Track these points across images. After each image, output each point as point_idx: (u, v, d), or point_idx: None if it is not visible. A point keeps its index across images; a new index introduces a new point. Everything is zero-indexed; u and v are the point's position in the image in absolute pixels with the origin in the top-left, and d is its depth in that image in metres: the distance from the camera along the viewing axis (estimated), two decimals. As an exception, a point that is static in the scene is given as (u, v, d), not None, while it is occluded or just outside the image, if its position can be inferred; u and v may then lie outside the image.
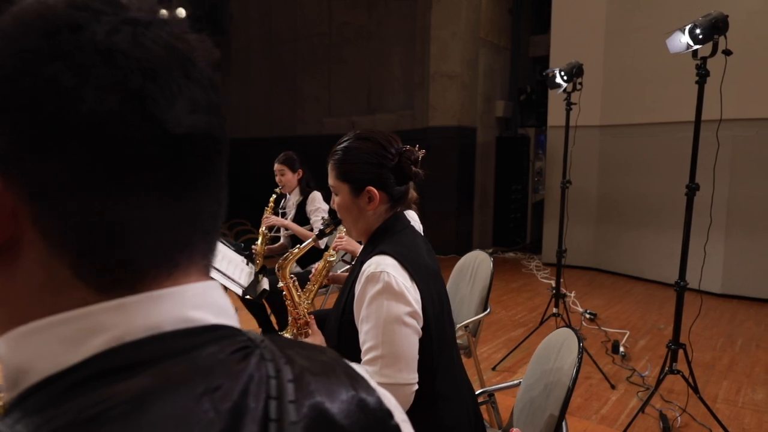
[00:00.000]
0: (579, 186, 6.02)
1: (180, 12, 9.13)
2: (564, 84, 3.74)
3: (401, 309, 1.20)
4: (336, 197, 1.37)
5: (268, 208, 3.29)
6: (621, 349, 3.71)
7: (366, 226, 1.36)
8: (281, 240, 3.56)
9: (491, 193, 8.41)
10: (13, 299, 0.39)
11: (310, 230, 3.22)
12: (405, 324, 1.20)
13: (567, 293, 5.14)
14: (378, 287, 1.20)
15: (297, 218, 3.41)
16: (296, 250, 1.45)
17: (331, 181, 1.35)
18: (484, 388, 1.78)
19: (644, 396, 2.95)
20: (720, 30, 2.42)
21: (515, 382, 1.71)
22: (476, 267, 2.66)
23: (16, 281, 0.38)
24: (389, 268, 1.22)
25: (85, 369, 0.36)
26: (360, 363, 1.25)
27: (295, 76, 9.96)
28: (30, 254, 0.38)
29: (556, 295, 3.74)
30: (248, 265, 2.54)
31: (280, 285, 1.44)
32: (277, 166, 3.36)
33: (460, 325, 2.43)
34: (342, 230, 1.93)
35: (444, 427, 1.35)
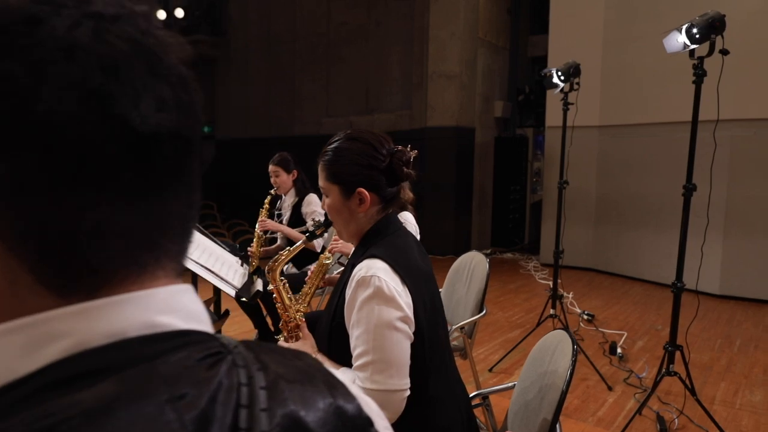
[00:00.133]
0: (578, 186, 6.02)
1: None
2: (561, 84, 3.73)
3: (392, 314, 1.18)
4: (326, 199, 1.35)
5: (264, 210, 3.27)
6: (618, 351, 3.69)
7: (357, 229, 1.34)
8: (278, 241, 3.55)
9: (489, 194, 8.40)
10: None
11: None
12: (396, 329, 1.19)
13: (565, 294, 5.14)
14: (369, 292, 1.18)
15: (292, 219, 3.39)
16: (286, 252, 1.43)
17: (321, 183, 1.33)
18: (479, 391, 1.77)
19: (641, 398, 2.94)
20: (717, 29, 2.41)
21: (510, 385, 1.70)
22: (472, 268, 2.65)
23: None
24: (380, 272, 1.20)
25: (41, 378, 0.34)
26: (351, 368, 1.23)
27: (294, 77, 9.95)
28: None
29: (554, 296, 3.72)
30: (242, 266, 2.53)
31: (270, 287, 1.42)
32: (272, 168, 3.34)
33: (456, 327, 2.42)
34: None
35: (437, 430, 1.33)
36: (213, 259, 2.22)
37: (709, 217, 2.87)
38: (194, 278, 2.71)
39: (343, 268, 1.41)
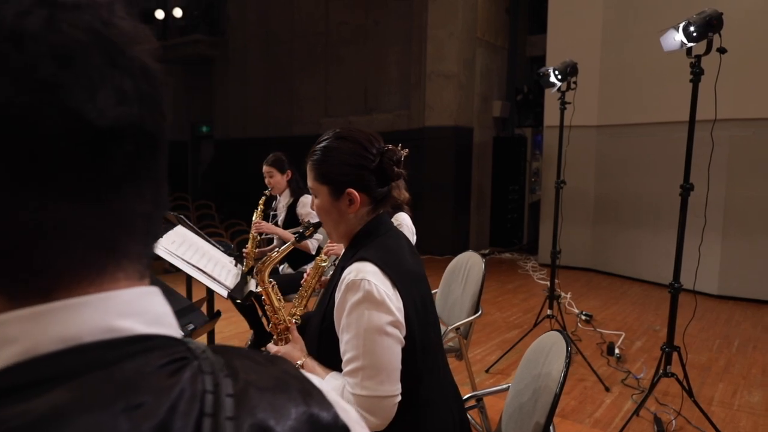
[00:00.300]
0: (576, 186, 6.00)
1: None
2: (558, 83, 3.72)
3: (383, 318, 1.16)
4: (315, 199, 1.32)
5: (258, 212, 3.25)
6: (616, 351, 3.67)
7: (347, 230, 1.31)
8: (274, 242, 3.53)
9: (488, 194, 8.39)
10: None
11: None
12: (386, 334, 1.16)
13: (563, 294, 5.12)
14: (358, 296, 1.16)
15: (287, 220, 3.37)
16: (275, 254, 1.41)
17: (310, 183, 1.30)
18: (472, 393, 1.75)
19: (639, 399, 2.92)
20: (714, 28, 2.39)
21: (504, 387, 1.68)
22: (468, 268, 2.63)
23: None
24: (370, 276, 1.17)
25: None
26: (341, 371, 1.21)
27: (293, 76, 9.94)
28: None
29: (551, 297, 3.70)
30: (236, 266, 2.51)
31: (259, 289, 1.40)
32: (266, 168, 3.32)
33: (452, 327, 2.40)
34: None
35: (429, 433, 1.31)
36: (205, 260, 2.20)
37: (708, 217, 2.85)
38: (188, 278, 2.68)
39: (333, 271, 1.38)
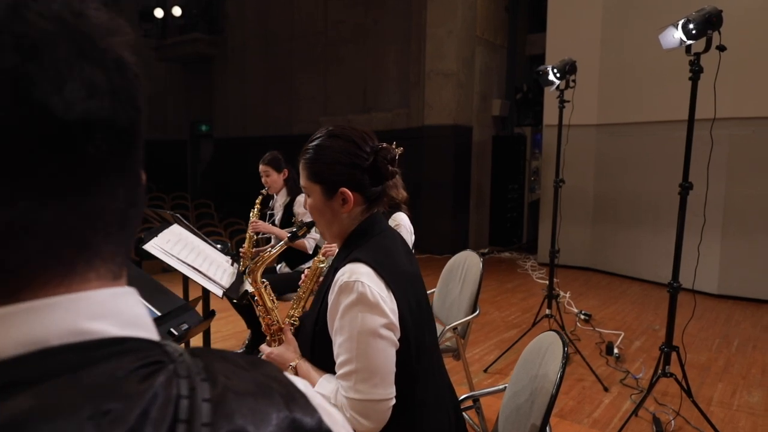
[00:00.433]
0: (576, 185, 5.98)
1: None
2: (557, 81, 3.70)
3: (376, 321, 1.14)
4: (308, 199, 1.30)
5: (255, 211, 3.24)
6: (615, 351, 3.66)
7: (340, 230, 1.29)
8: (272, 241, 3.51)
9: (487, 193, 8.37)
10: None
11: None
12: (380, 336, 1.14)
13: (561, 294, 5.11)
14: (352, 298, 1.14)
15: (284, 219, 3.36)
16: (267, 254, 1.39)
17: (303, 182, 1.28)
18: (469, 394, 1.73)
19: (638, 399, 2.90)
20: (714, 25, 2.37)
21: (501, 387, 1.66)
22: (466, 268, 2.61)
23: None
24: (363, 277, 1.15)
25: None
26: (335, 374, 1.20)
27: (292, 75, 9.92)
28: None
29: (549, 296, 3.69)
30: (233, 266, 2.49)
31: (251, 290, 1.38)
32: (262, 167, 3.30)
33: (449, 327, 2.38)
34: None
35: (424, 436, 1.29)
36: (201, 259, 2.18)
37: (707, 216, 2.83)
38: (185, 278, 2.67)
39: (327, 272, 1.36)
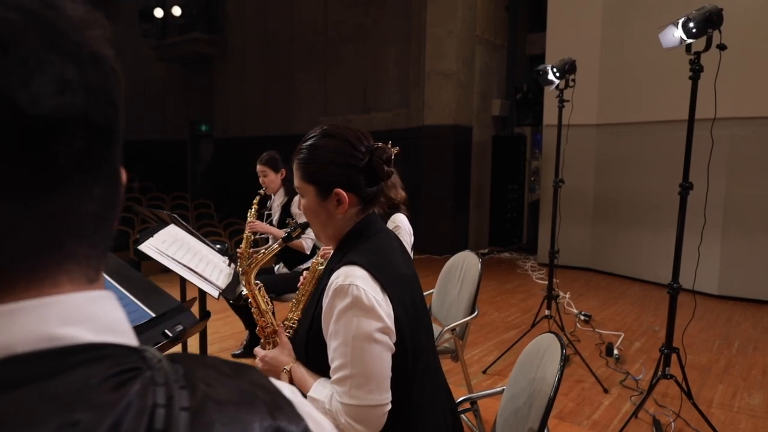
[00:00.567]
0: (576, 185, 5.96)
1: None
2: (556, 80, 3.68)
3: (372, 325, 1.12)
4: (302, 200, 1.27)
5: (253, 211, 3.22)
6: (615, 352, 3.64)
7: (335, 231, 1.27)
8: (269, 242, 3.49)
9: (487, 193, 8.35)
10: None
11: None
12: (376, 341, 1.12)
13: (561, 294, 5.08)
14: (347, 301, 1.12)
15: (282, 219, 3.34)
16: (261, 255, 1.37)
17: (297, 183, 1.25)
18: (466, 396, 1.71)
19: (638, 400, 2.88)
20: (714, 24, 2.35)
21: (498, 390, 1.65)
22: (464, 268, 2.59)
23: None
24: (358, 281, 1.13)
25: None
26: (329, 378, 1.18)
27: (292, 75, 9.91)
28: None
29: (549, 297, 3.67)
30: (230, 266, 2.47)
31: (245, 292, 1.36)
32: (260, 167, 3.28)
33: (447, 328, 2.37)
34: None
35: (420, 439, 1.28)
36: (197, 259, 2.16)
37: (708, 217, 2.81)
38: (183, 278, 2.64)
39: (321, 275, 1.34)
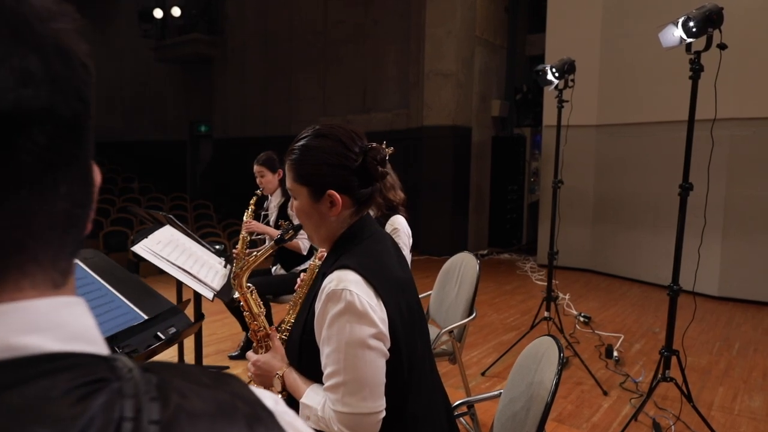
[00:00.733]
0: (575, 186, 5.94)
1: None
2: (555, 81, 3.66)
3: (365, 331, 1.09)
4: (295, 201, 1.25)
5: (249, 212, 3.20)
6: (615, 354, 3.62)
7: (328, 233, 1.24)
8: (266, 243, 3.47)
9: (487, 194, 8.33)
10: None
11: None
12: (369, 347, 1.10)
13: (561, 296, 5.06)
14: (340, 307, 1.09)
15: (279, 220, 3.32)
16: (253, 258, 1.34)
17: (289, 184, 1.23)
18: (464, 400, 1.69)
19: (637, 403, 2.86)
20: (714, 23, 2.33)
21: (496, 393, 1.62)
22: (462, 270, 2.57)
23: None
24: (352, 285, 1.10)
25: None
26: (323, 384, 1.15)
27: (291, 75, 9.89)
28: None
29: (548, 298, 3.64)
30: (225, 267, 2.45)
31: (237, 296, 1.33)
32: (257, 168, 3.26)
33: (445, 330, 2.34)
34: None
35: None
36: (192, 261, 2.14)
37: (708, 218, 2.79)
38: (179, 280, 2.62)
39: (315, 278, 1.31)
